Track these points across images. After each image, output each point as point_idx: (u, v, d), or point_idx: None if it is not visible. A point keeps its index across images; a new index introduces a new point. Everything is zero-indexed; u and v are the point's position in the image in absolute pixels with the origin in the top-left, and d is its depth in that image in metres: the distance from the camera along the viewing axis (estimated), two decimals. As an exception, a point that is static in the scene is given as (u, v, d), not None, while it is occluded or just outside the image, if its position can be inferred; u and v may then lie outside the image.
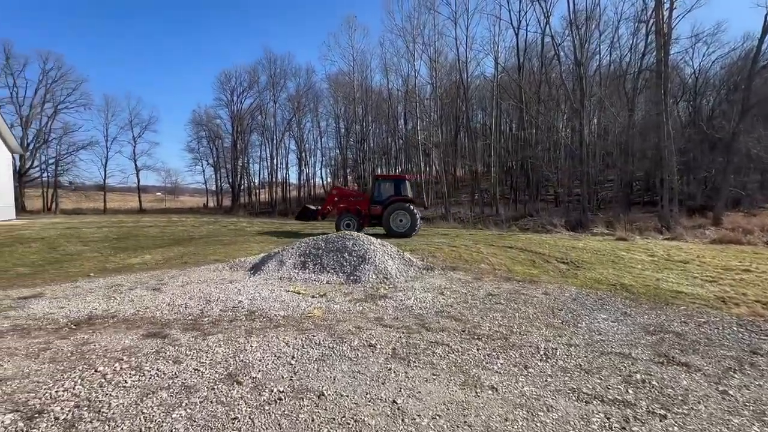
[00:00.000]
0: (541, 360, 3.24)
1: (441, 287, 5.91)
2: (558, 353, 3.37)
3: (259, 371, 3.01)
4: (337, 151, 47.04)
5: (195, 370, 3.02)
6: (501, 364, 3.17)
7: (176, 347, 3.49)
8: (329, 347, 3.50)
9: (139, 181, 48.11)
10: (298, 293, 5.61)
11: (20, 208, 31.51)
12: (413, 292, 5.58)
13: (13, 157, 28.31)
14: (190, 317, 4.47)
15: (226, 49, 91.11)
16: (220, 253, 9.24)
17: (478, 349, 3.48)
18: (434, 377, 2.94)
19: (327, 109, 47.65)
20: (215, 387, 2.75)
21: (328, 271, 6.78)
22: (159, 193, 62.53)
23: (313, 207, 15.39)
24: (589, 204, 23.05)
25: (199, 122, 51.10)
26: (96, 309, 4.77)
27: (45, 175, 40.93)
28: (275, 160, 49.40)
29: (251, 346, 3.53)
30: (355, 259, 7.02)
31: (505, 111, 37.35)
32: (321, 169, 50.63)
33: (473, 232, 15.29)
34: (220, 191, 52.91)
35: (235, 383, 2.81)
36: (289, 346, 3.51)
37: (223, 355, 3.31)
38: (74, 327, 4.11)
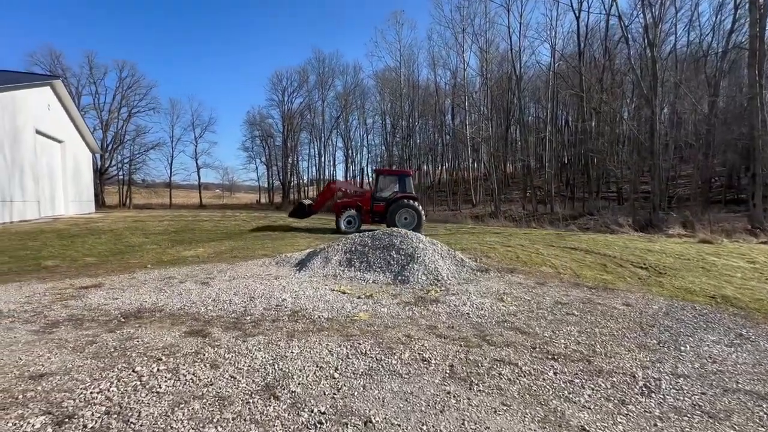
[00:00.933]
0: (641, 395, 2.57)
1: (499, 292, 5.29)
2: (663, 386, 2.68)
3: (299, 384, 2.67)
4: (383, 147, 46.94)
5: (231, 377, 2.75)
6: (588, 396, 2.55)
7: (215, 349, 3.27)
8: (377, 359, 3.08)
9: (199, 179, 51.67)
10: (344, 293, 5.29)
11: (100, 203, 35.02)
12: (468, 297, 5.02)
13: (94, 157, 31.45)
14: (233, 315, 4.30)
15: (279, 50, 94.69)
16: (268, 248, 9.25)
17: (555, 373, 2.88)
18: (504, 408, 2.41)
19: (373, 106, 47.70)
20: (251, 401, 2.45)
21: (375, 270, 6.41)
22: (218, 190, 66.73)
23: (307, 202, 14.62)
24: (660, 202, 20.66)
25: (253, 122, 53.68)
26: (146, 302, 4.77)
27: (121, 173, 45.23)
28: (323, 157, 50.51)
29: (292, 352, 3.21)
30: (403, 257, 6.58)
31: (561, 102, 34.86)
32: (367, 165, 50.80)
33: (527, 231, 14.23)
34: (272, 188, 55.20)
35: (272, 397, 2.49)
36: (332, 355, 3.15)
37: (262, 362, 3.02)
38: (123, 320, 4.09)
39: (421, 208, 12.92)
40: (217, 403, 2.42)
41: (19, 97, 15.45)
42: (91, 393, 2.53)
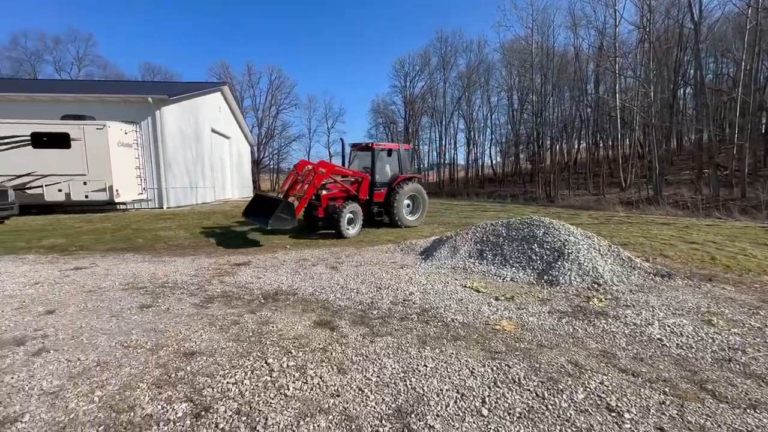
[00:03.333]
0: None
1: (702, 310, 3.80)
2: None
3: (438, 416, 2.12)
4: (509, 127, 43.24)
5: (359, 390, 2.39)
6: None
7: (343, 347, 3.00)
8: (537, 395, 2.32)
9: (330, 166, 56.80)
10: (477, 291, 4.58)
11: (257, 189, 41.73)
12: (652, 313, 3.73)
13: (252, 150, 37.45)
14: (360, 306, 4.06)
15: (404, 36, 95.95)
16: (392, 234, 9.11)
17: None
18: None
19: (498, 83, 44.11)
20: (380, 429, 2.01)
21: (512, 266, 5.48)
22: (345, 176, 72.47)
23: (273, 195, 10.27)
24: None
25: (377, 110, 55.98)
26: (282, 284, 4.96)
27: (271, 162, 52.98)
28: (443, 140, 49.45)
29: (425, 365, 2.70)
30: (548, 252, 5.46)
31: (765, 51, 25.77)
32: (490, 147, 47.75)
33: (711, 223, 10.86)
34: (393, 173, 57.05)
35: (405, 430, 2.01)
36: (475, 378, 2.52)
37: (392, 373, 2.59)
38: (263, 301, 4.25)
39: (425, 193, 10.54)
40: (344, 424, 2.06)
41: (200, 103, 18.96)
42: (227, 383, 2.48)
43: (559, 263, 5.16)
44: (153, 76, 51.33)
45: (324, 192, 8.83)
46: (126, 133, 12.67)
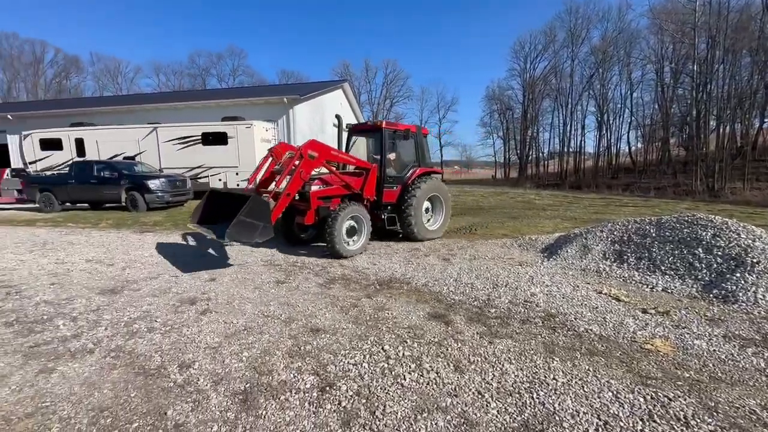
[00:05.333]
0: None
1: None
2: None
3: (574, 442, 1.83)
4: (655, 106, 36.11)
5: (478, 393, 2.23)
6: None
7: (459, 344, 2.87)
8: (715, 443, 1.82)
9: (441, 156, 56.59)
10: (617, 299, 3.90)
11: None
12: None
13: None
14: (475, 302, 3.85)
15: (520, 17, 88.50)
16: (508, 227, 8.51)
17: None
18: None
19: (644, 54, 37.03)
20: (505, 443, 1.83)
21: (665, 273, 4.52)
22: (456, 167, 71.21)
23: (239, 192, 5.81)
24: None
25: (492, 97, 53.15)
26: (396, 272, 5.05)
27: (383, 154, 55.32)
28: (568, 126, 44.22)
29: (555, 378, 2.38)
30: (719, 260, 4.33)
31: None
32: (628, 132, 40.70)
33: None
34: (508, 163, 53.62)
35: (535, 450, 1.78)
36: (622, 406, 2.11)
37: (515, 381, 2.36)
38: (378, 287, 4.40)
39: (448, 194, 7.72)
40: (463, 428, 1.94)
41: (324, 100, 20.79)
42: (348, 362, 2.61)
43: (738, 275, 4.03)
44: (287, 80, 58.46)
45: (314, 188, 6.03)
46: (267, 130, 14.65)
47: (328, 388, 2.30)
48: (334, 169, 6.28)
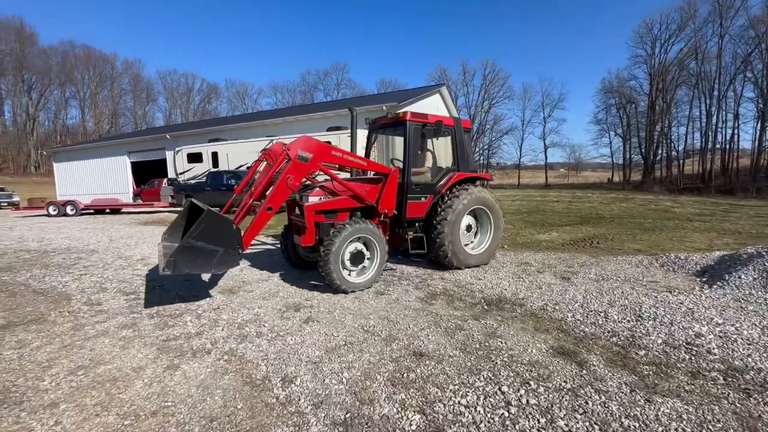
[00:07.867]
0: None
1: None
2: None
3: None
4: None
5: (647, 481, 1.63)
6: None
7: (602, 398, 2.23)
8: None
9: (546, 158, 52.15)
10: None
11: (465, 184, 42.80)
12: None
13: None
14: (614, 338, 3.09)
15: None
16: (641, 242, 7.08)
17: None
18: None
19: (838, 16, 28.36)
20: None
21: None
22: (562, 169, 64.66)
23: (216, 209, 3.94)
24: None
25: (609, 89, 46.88)
26: (505, 289, 4.47)
27: (481, 158, 53.12)
28: (713, 117, 36.43)
29: (772, 478, 1.63)
30: None
31: None
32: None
33: None
34: (629, 164, 46.46)
35: None
36: None
37: (702, 470, 1.67)
38: (486, 307, 3.89)
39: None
40: None
41: (422, 105, 20.72)
42: (458, 402, 2.22)
43: None
44: (386, 89, 60.58)
45: (312, 200, 4.66)
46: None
47: (436, 435, 1.95)
48: (335, 174, 4.74)
